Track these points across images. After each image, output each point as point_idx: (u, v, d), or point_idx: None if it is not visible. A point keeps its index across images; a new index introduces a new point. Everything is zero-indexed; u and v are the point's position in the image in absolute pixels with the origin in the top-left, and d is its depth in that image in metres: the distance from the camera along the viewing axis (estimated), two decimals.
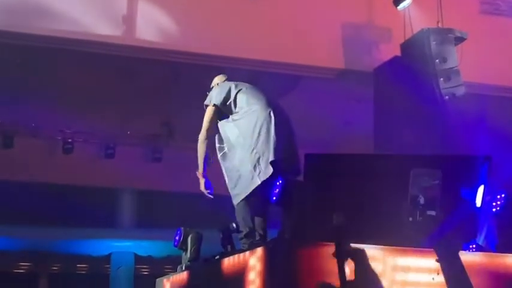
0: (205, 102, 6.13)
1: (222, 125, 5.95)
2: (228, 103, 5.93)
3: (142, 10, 10.45)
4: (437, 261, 2.50)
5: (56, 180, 14.38)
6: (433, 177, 2.60)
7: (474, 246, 4.87)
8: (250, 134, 5.62)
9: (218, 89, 6.09)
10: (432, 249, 3.78)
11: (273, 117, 5.61)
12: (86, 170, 14.21)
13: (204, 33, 10.30)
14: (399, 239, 3.89)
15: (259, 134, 5.59)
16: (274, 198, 4.65)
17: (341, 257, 2.42)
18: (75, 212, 14.60)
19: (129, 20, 10.38)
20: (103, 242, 16.62)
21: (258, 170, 5.43)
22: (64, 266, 19.15)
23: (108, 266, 17.02)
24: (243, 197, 5.54)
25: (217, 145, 6.02)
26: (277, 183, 4.63)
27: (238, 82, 6.11)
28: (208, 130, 6.08)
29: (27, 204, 14.39)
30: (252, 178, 5.47)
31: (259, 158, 5.48)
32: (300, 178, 4.85)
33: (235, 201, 5.63)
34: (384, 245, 3.99)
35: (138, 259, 16.96)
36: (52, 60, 10.89)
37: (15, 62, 10.83)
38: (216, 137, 6.01)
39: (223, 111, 5.96)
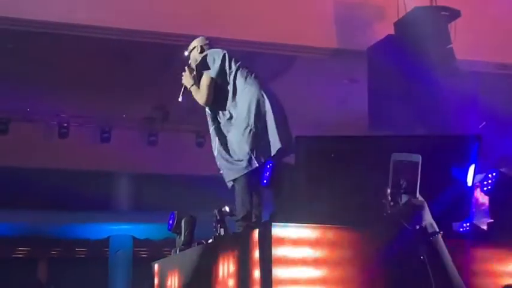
0: (200, 64, 5.96)
1: (216, 102, 5.86)
2: (215, 73, 5.82)
3: None
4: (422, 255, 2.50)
5: (52, 165, 14.40)
6: (413, 161, 2.59)
7: (468, 224, 4.89)
8: (246, 115, 5.57)
9: (212, 57, 5.90)
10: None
11: (267, 99, 5.58)
12: (82, 154, 14.23)
13: (196, 15, 10.24)
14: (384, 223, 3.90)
15: (256, 115, 5.55)
16: (265, 181, 4.65)
17: None
18: (72, 196, 14.63)
19: (121, 2, 10.33)
20: (101, 225, 16.67)
21: (256, 153, 5.42)
22: (63, 250, 19.24)
23: (106, 249, 17.08)
24: (235, 177, 5.53)
25: (209, 121, 5.95)
26: (268, 166, 4.63)
27: (229, 54, 5.96)
28: (209, 95, 5.89)
29: (25, 190, 14.42)
30: (249, 160, 5.45)
31: (257, 141, 5.46)
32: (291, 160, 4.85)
33: (230, 181, 5.60)
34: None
35: (137, 242, 17.03)
36: (45, 45, 10.84)
37: (6, 47, 10.78)
38: (208, 113, 5.93)
39: (218, 82, 5.83)
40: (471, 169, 4.34)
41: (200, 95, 5.91)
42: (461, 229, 4.86)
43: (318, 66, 11.24)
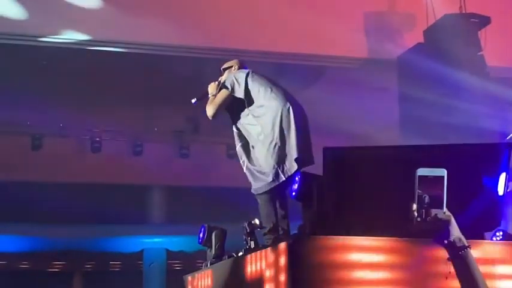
0: (223, 82, 5.99)
1: (242, 120, 5.89)
2: (243, 94, 5.83)
3: (163, 7, 10.49)
4: (449, 260, 2.47)
5: (85, 179, 14.52)
6: (438, 175, 2.57)
7: (501, 233, 4.82)
8: (271, 130, 5.61)
9: (234, 76, 5.95)
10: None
11: (291, 112, 5.60)
12: (114, 168, 14.34)
13: (226, 28, 10.31)
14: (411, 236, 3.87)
15: (280, 130, 5.58)
16: (294, 193, 4.65)
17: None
18: (106, 210, 14.71)
19: (151, 18, 10.43)
20: (135, 238, 16.73)
21: (282, 167, 5.47)
22: (97, 263, 19.35)
23: (140, 262, 17.14)
24: (264, 190, 5.57)
25: (236, 139, 5.98)
26: (296, 178, 4.63)
27: (253, 72, 6.00)
28: (218, 111, 5.93)
29: (59, 204, 14.53)
30: (276, 174, 5.50)
31: (282, 155, 5.50)
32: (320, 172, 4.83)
33: (257, 195, 5.65)
34: None
35: (170, 254, 17.05)
36: (78, 61, 10.99)
37: (40, 63, 10.94)
38: (235, 131, 5.96)
39: (237, 99, 5.86)
40: (502, 177, 4.29)
41: (211, 107, 5.98)
42: (494, 238, 4.79)
43: (348, 76, 11.23)
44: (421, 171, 2.51)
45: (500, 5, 10.61)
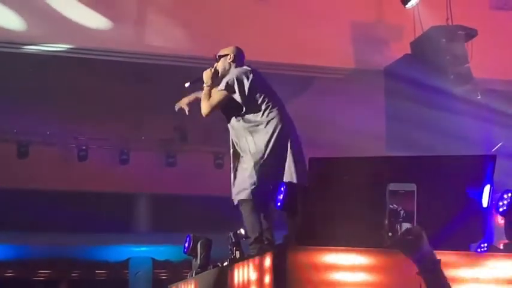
0: (226, 83, 5.78)
1: (236, 125, 5.81)
2: (241, 100, 5.71)
3: (151, 16, 10.49)
4: (419, 274, 2.45)
5: (71, 187, 14.48)
6: (409, 190, 2.56)
7: (486, 245, 4.84)
8: (263, 148, 5.60)
9: (236, 76, 5.77)
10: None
11: (287, 133, 5.61)
12: (101, 176, 14.30)
13: (213, 37, 10.30)
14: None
15: (271, 149, 5.56)
16: (279, 204, 4.64)
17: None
18: (92, 218, 14.67)
19: (139, 26, 10.43)
20: (121, 247, 16.69)
21: (265, 181, 5.48)
22: (83, 272, 19.25)
23: (126, 271, 17.09)
24: (242, 198, 5.57)
25: (231, 143, 5.90)
26: (282, 188, 4.63)
27: (254, 73, 5.85)
28: (213, 111, 5.84)
29: (45, 212, 14.48)
30: (257, 187, 5.53)
31: (268, 172, 5.51)
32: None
33: (240, 205, 5.62)
34: None
35: (156, 264, 17.02)
36: (64, 68, 10.96)
37: (27, 70, 10.90)
38: (232, 132, 5.87)
39: (235, 99, 5.74)
40: (486, 189, 4.32)
41: (206, 106, 5.87)
42: (478, 250, 4.80)
43: (335, 86, 11.24)
44: (392, 186, 2.51)
45: (486, 18, 10.69)
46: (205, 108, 5.80)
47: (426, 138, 9.24)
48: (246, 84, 5.70)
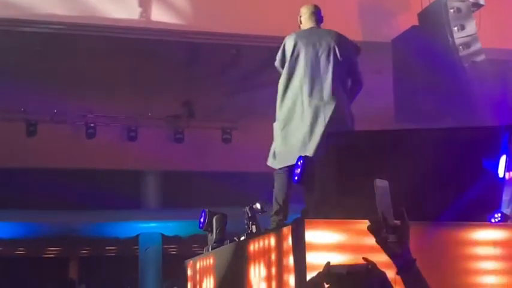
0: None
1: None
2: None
3: None
4: (397, 273, 2.41)
5: (80, 165, 14.53)
6: (385, 186, 2.50)
7: (499, 215, 4.87)
8: (288, 117, 5.66)
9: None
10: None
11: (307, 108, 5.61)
12: (109, 154, 14.35)
13: (220, 12, 10.28)
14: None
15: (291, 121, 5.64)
16: (296, 178, 4.67)
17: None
18: (101, 195, 14.75)
19: (144, 2, 10.39)
20: (130, 224, 16.79)
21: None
22: (93, 249, 19.41)
23: (136, 247, 17.21)
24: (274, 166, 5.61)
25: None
26: (299, 162, 4.65)
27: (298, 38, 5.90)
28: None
29: (54, 190, 14.56)
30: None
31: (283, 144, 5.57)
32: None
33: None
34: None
35: (166, 239, 17.12)
36: (71, 46, 10.95)
37: (34, 49, 10.89)
38: None
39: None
40: (502, 160, 4.33)
41: None
42: (492, 220, 4.83)
43: None
44: (377, 182, 2.46)
45: None
46: None
47: (435, 109, 9.23)
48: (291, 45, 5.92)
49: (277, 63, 5.92)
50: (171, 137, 14.60)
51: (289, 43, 5.83)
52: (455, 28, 9.45)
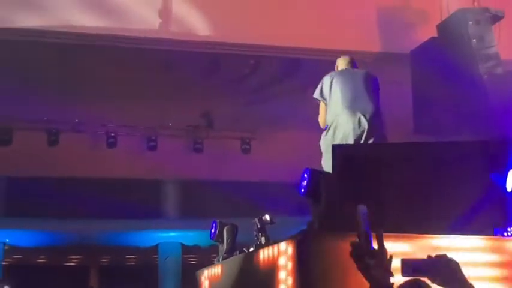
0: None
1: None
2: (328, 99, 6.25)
3: (177, 3, 10.52)
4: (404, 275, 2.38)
5: (101, 174, 14.61)
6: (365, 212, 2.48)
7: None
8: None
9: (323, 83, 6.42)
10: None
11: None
12: (129, 163, 14.42)
13: (239, 23, 10.32)
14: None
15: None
16: (302, 190, 4.66)
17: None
18: (121, 205, 14.81)
19: (164, 13, 10.46)
20: (150, 233, 16.85)
21: None
22: (113, 258, 19.48)
23: (156, 256, 17.25)
24: None
25: None
26: (305, 175, 4.65)
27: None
28: (321, 120, 6.29)
29: (75, 199, 14.66)
30: None
31: None
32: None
33: None
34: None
35: (185, 249, 17.15)
36: (92, 57, 11.04)
37: (55, 59, 11.00)
38: None
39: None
40: (510, 174, 4.30)
41: (319, 119, 6.32)
42: (505, 234, 4.79)
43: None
44: (360, 208, 2.44)
45: None
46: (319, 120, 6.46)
47: (453, 121, 9.18)
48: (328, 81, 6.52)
49: None
50: (191, 147, 14.64)
51: None
52: (474, 40, 9.41)
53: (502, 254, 4.22)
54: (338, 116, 5.89)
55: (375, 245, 2.37)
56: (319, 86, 6.36)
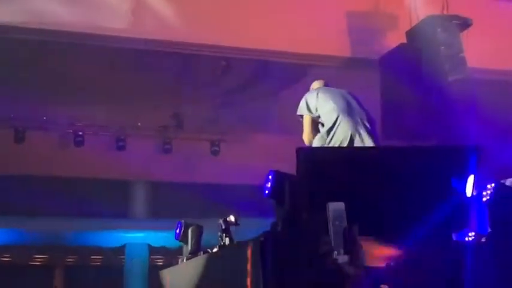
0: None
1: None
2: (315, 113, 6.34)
3: (149, 2, 10.48)
4: None
5: (68, 173, 14.51)
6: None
7: (473, 234, 4.88)
8: None
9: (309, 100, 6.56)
10: None
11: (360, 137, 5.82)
12: (97, 162, 14.31)
13: (211, 24, 10.31)
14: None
15: None
16: (266, 192, 4.67)
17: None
18: (88, 204, 14.74)
19: (136, 12, 10.42)
20: (117, 233, 16.74)
21: None
22: (79, 258, 19.31)
23: (122, 257, 17.14)
24: None
25: None
26: (269, 177, 4.66)
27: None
28: (308, 136, 6.26)
29: (41, 198, 14.53)
30: None
31: None
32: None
33: None
34: None
35: (152, 250, 17.07)
36: (61, 55, 10.97)
37: (23, 56, 10.91)
38: None
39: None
40: (470, 179, 4.36)
41: (304, 135, 6.29)
42: (466, 238, 4.85)
43: (331, 75, 11.23)
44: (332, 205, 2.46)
45: (482, 7, 10.67)
46: (304, 137, 6.37)
47: (421, 126, 9.27)
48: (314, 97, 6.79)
49: None
50: (160, 148, 14.59)
51: None
52: (443, 47, 9.51)
53: None
54: (337, 120, 6.02)
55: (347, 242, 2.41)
56: (302, 103, 6.47)
